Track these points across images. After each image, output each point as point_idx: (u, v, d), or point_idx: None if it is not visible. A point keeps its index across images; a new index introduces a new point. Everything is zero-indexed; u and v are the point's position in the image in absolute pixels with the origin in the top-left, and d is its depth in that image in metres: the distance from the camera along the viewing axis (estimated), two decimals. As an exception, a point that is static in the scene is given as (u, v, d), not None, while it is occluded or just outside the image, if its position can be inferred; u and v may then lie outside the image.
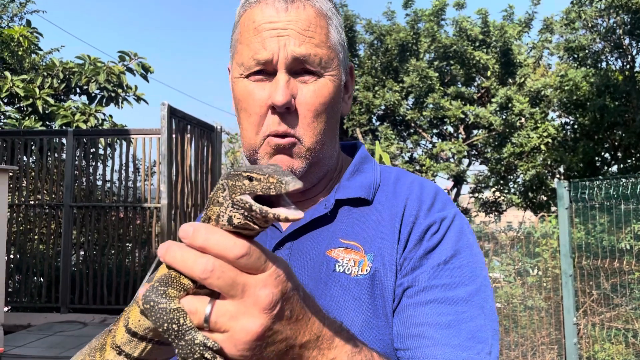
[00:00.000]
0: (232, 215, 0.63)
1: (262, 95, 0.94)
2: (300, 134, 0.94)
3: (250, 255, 0.62)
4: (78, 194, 8.44)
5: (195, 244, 0.63)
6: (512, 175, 14.91)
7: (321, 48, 0.94)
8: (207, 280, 0.62)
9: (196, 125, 6.92)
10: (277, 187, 0.61)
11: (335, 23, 0.99)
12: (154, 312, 0.62)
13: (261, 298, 0.62)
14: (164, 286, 0.64)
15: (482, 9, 14.39)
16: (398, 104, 14.31)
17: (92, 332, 6.83)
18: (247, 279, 0.62)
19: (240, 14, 0.99)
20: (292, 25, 0.92)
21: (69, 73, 10.02)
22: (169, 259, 0.65)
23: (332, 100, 0.97)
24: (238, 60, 0.97)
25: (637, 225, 5.18)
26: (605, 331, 5.39)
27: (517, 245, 6.51)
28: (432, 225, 0.94)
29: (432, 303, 0.88)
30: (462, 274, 0.91)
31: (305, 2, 0.95)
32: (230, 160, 19.87)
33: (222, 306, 0.63)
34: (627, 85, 10.97)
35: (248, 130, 0.97)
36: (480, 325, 0.87)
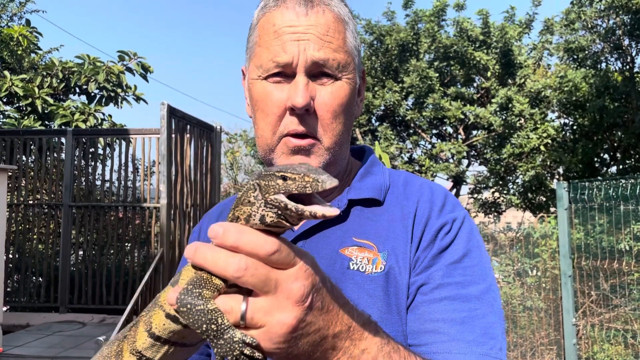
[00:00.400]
0: (265, 214, 0.64)
1: (281, 96, 0.96)
2: (320, 134, 0.97)
3: (281, 252, 0.64)
4: (77, 194, 8.43)
5: (227, 244, 0.64)
6: (512, 176, 14.92)
7: (339, 52, 0.97)
8: (241, 278, 0.63)
9: (196, 125, 6.92)
10: (313, 185, 0.62)
11: (351, 28, 1.02)
12: (192, 314, 0.63)
13: (293, 291, 0.64)
14: (199, 288, 0.64)
15: (482, 10, 14.40)
16: (398, 104, 14.31)
17: (91, 332, 6.82)
18: (278, 274, 0.64)
19: (259, 17, 1.01)
20: (312, 30, 0.95)
21: (68, 73, 10.01)
22: (199, 260, 0.65)
23: (349, 102, 1.00)
24: (257, 62, 0.99)
25: (637, 226, 5.18)
26: (605, 332, 5.39)
27: (517, 246, 6.51)
28: (445, 226, 0.98)
29: (446, 300, 0.91)
30: (473, 272, 0.95)
31: (324, 7, 0.97)
32: (230, 160, 19.87)
33: (256, 303, 0.64)
34: (626, 86, 10.97)
35: (265, 130, 0.99)
36: (492, 322, 0.91)
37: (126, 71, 10.34)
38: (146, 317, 0.75)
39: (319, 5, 0.97)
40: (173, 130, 6.22)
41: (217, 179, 7.72)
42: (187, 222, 6.79)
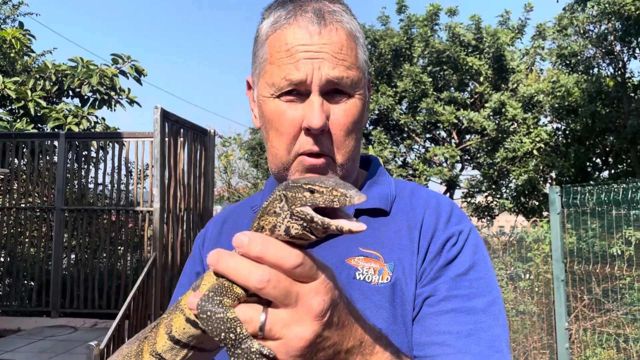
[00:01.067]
0: (290, 225, 0.64)
1: (295, 115, 0.96)
2: (334, 152, 0.97)
3: (305, 265, 0.64)
4: (70, 197, 8.39)
5: (251, 254, 0.64)
6: (505, 180, 14.98)
7: (352, 70, 0.96)
8: (264, 290, 0.63)
9: (189, 129, 6.90)
10: (341, 200, 0.62)
11: (361, 42, 1.01)
12: (212, 321, 0.63)
13: (313, 306, 0.64)
14: (220, 296, 0.64)
15: (475, 15, 14.49)
16: (391, 109, 14.35)
17: (83, 337, 6.78)
18: (300, 287, 0.64)
19: (269, 33, 0.99)
20: (326, 49, 0.94)
21: (61, 75, 9.97)
22: (222, 268, 0.65)
23: (360, 117, 1.01)
24: (268, 80, 0.98)
25: (628, 230, 5.22)
26: (597, 336, 5.41)
27: (509, 250, 6.53)
28: (451, 238, 0.98)
29: (453, 312, 0.91)
30: (479, 285, 0.95)
31: (337, 25, 0.96)
32: (224, 163, 19.83)
33: (276, 314, 0.64)
34: (618, 91, 11.06)
35: (279, 149, 0.99)
36: (497, 335, 0.91)
37: (120, 74, 10.31)
38: (167, 320, 0.75)
39: (332, 24, 0.96)
40: (166, 134, 6.21)
41: (211, 182, 7.70)
42: (180, 226, 6.77)
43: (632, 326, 5.23)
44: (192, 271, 1.15)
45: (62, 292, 8.09)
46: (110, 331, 4.69)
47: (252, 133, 18.49)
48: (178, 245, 6.68)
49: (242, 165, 20.09)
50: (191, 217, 7.07)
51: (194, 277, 1.13)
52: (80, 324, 7.54)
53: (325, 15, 0.96)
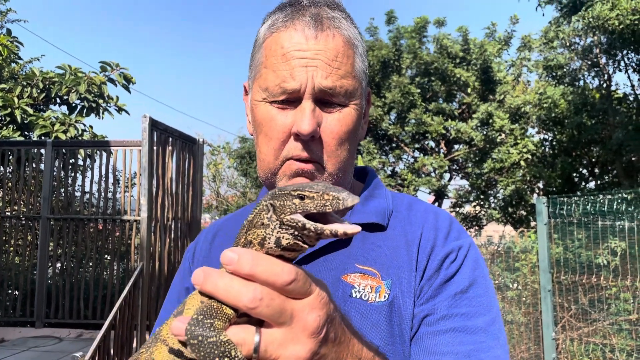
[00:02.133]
0: (280, 236, 0.61)
1: (285, 121, 0.94)
2: (324, 160, 0.95)
3: (298, 281, 0.61)
4: (56, 206, 8.30)
5: (242, 272, 0.60)
6: (492, 190, 15.09)
7: (347, 79, 0.94)
8: (256, 309, 0.59)
9: (178, 138, 6.87)
10: (333, 203, 0.59)
11: (360, 51, 0.99)
12: (204, 347, 0.59)
13: (309, 322, 0.61)
14: (210, 318, 0.60)
15: (462, 27, 14.65)
16: (380, 119, 14.43)
17: (68, 348, 6.68)
18: (294, 304, 0.61)
19: (266, 36, 0.97)
20: (321, 55, 0.92)
21: (49, 83, 9.90)
22: (209, 288, 0.62)
23: (354, 128, 0.98)
24: (262, 84, 0.96)
25: (614, 241, 5.27)
26: (584, 346, 5.44)
27: (498, 260, 6.56)
28: (450, 254, 0.95)
29: (452, 332, 0.88)
30: (479, 303, 0.92)
31: (334, 31, 0.94)
32: (212, 172, 19.76)
33: (270, 334, 0.61)
34: (603, 103, 11.22)
35: (267, 154, 0.97)
36: (497, 356, 0.88)
37: (108, 82, 10.25)
38: (146, 354, 0.70)
39: (329, 29, 0.94)
40: (155, 142, 6.18)
41: (199, 191, 7.67)
42: (168, 236, 6.72)
43: (618, 336, 5.27)
44: (182, 287, 1.11)
45: (47, 302, 7.98)
46: (96, 342, 4.63)
47: (241, 142, 18.46)
48: (165, 255, 6.62)
49: (231, 174, 20.05)
50: (179, 227, 7.03)
51: (183, 292, 1.10)
52: (65, 334, 7.43)
53: (323, 20, 0.94)
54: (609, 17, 7.48)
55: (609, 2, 7.58)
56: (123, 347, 5.32)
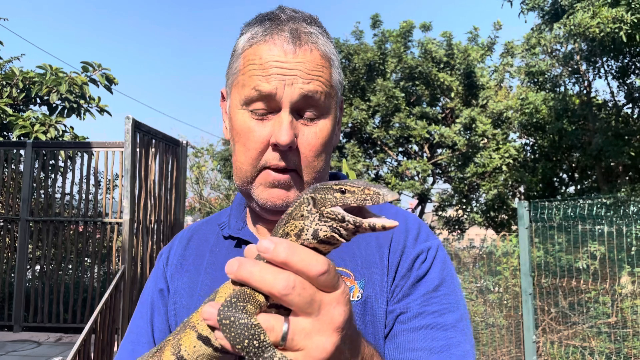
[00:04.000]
0: (319, 228, 0.64)
1: (263, 132, 0.96)
2: (301, 169, 0.98)
3: (329, 273, 0.62)
4: (35, 207, 8.17)
5: (277, 260, 0.62)
6: (475, 194, 15.23)
7: (327, 87, 0.98)
8: (288, 297, 0.61)
9: (161, 140, 6.81)
10: (374, 197, 0.62)
11: (336, 64, 1.02)
12: (234, 328, 0.60)
13: (335, 316, 0.63)
14: (243, 302, 0.62)
15: (446, 32, 14.78)
16: (365, 122, 14.48)
17: (47, 352, 6.57)
18: (323, 296, 0.63)
19: (244, 47, 1.00)
20: (300, 67, 0.95)
21: (29, 83, 9.75)
22: (244, 275, 0.63)
23: (330, 138, 1.01)
24: (239, 90, 0.99)
25: (593, 245, 5.35)
26: (564, 349, 5.51)
27: (479, 263, 6.62)
28: (421, 254, 1.00)
29: (425, 329, 0.94)
30: (448, 301, 0.97)
31: (312, 46, 0.97)
32: (196, 174, 19.63)
33: (298, 323, 0.62)
34: (583, 109, 11.40)
35: (244, 163, 0.99)
36: (467, 350, 0.94)
37: (90, 82, 10.13)
38: (174, 340, 0.72)
39: (307, 44, 0.97)
40: (138, 144, 6.12)
41: (182, 194, 7.61)
42: (150, 238, 6.65)
43: (597, 339, 5.34)
44: (155, 288, 1.12)
45: (26, 305, 7.84)
46: (76, 346, 4.56)
47: (225, 144, 18.39)
48: (147, 258, 6.55)
49: (214, 176, 19.93)
50: (161, 229, 6.96)
51: (156, 294, 1.11)
52: (44, 338, 7.31)
53: (301, 35, 0.97)
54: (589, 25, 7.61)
55: (590, 10, 7.71)
56: (104, 351, 5.25)
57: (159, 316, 1.09)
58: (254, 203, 1.02)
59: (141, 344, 1.07)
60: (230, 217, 1.12)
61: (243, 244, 1.06)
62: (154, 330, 1.08)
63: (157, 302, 1.10)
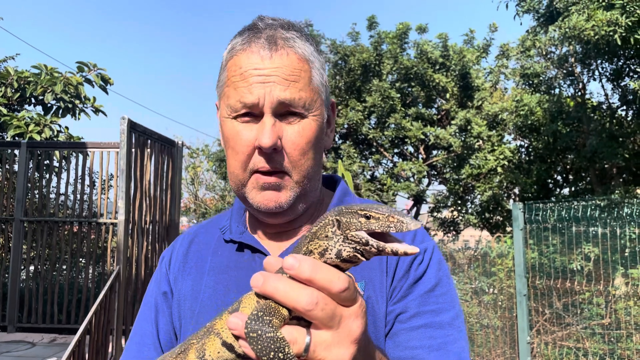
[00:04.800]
0: (342, 249, 0.67)
1: (249, 136, 1.00)
2: (289, 169, 1.01)
3: (350, 289, 0.66)
4: (30, 208, 8.14)
5: (302, 276, 0.65)
6: (470, 196, 15.26)
7: (305, 91, 1.00)
8: (311, 312, 0.64)
9: (157, 140, 6.80)
10: (397, 226, 0.65)
11: (317, 65, 1.05)
12: (262, 340, 0.64)
13: (353, 329, 0.67)
14: (269, 316, 0.66)
15: (442, 34, 14.82)
16: (360, 123, 14.49)
17: (41, 353, 6.54)
18: (342, 310, 0.67)
19: (227, 59, 1.05)
20: (278, 72, 0.98)
21: (23, 82, 9.71)
22: (269, 290, 0.67)
23: (316, 138, 1.04)
24: (226, 101, 1.03)
25: (587, 246, 5.38)
26: (558, 350, 5.53)
27: (474, 265, 6.64)
28: (418, 256, 1.04)
29: (423, 327, 0.98)
30: (444, 300, 1.02)
31: (288, 50, 1.01)
32: (191, 175, 19.59)
33: (319, 336, 0.66)
34: (578, 111, 11.45)
35: (235, 168, 1.04)
36: (463, 347, 0.99)
37: (85, 82, 10.10)
38: (198, 345, 0.76)
39: (283, 48, 1.00)
40: (133, 145, 6.10)
41: (178, 194, 7.59)
42: (145, 239, 6.64)
43: (591, 340, 5.37)
44: (158, 291, 1.14)
45: (20, 306, 7.81)
46: (71, 347, 4.54)
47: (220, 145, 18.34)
48: (143, 259, 6.54)
49: (210, 177, 19.89)
50: (157, 230, 6.95)
51: (160, 297, 1.13)
52: (38, 339, 7.28)
53: (277, 41, 1.01)
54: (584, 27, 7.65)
55: (585, 13, 7.75)
56: (98, 352, 5.24)
57: (163, 318, 1.11)
58: (250, 206, 1.06)
59: (147, 345, 1.10)
60: (231, 220, 1.15)
61: (245, 248, 1.09)
62: (159, 332, 1.11)
63: (161, 304, 1.13)
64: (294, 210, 1.05)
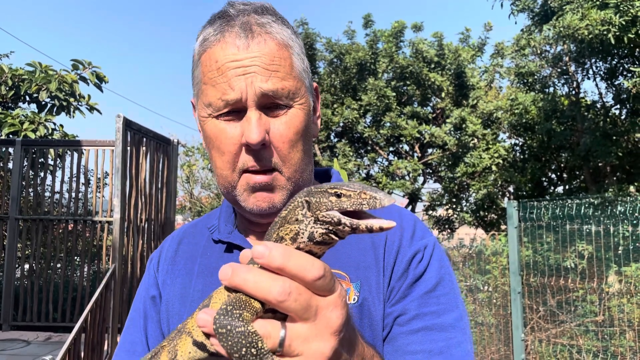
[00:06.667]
0: (314, 231, 0.63)
1: (234, 133, 0.93)
2: (279, 166, 0.94)
3: (326, 277, 0.61)
4: (24, 206, 8.11)
5: (273, 265, 0.60)
6: (465, 194, 15.32)
7: (287, 80, 0.93)
8: (284, 303, 0.59)
9: (152, 138, 6.79)
10: (370, 202, 0.61)
11: (297, 50, 0.98)
12: (232, 336, 0.59)
13: (332, 320, 0.62)
14: (239, 309, 0.61)
15: (437, 33, 14.85)
16: (356, 122, 14.51)
17: (36, 351, 6.53)
18: (319, 301, 0.61)
19: (200, 53, 0.97)
20: (257, 61, 0.91)
21: (18, 80, 9.66)
22: (238, 282, 0.61)
23: (305, 127, 0.97)
24: (204, 100, 0.95)
25: (581, 244, 5.41)
26: (552, 347, 5.57)
27: (469, 262, 6.67)
28: (417, 254, 0.97)
29: (424, 330, 0.91)
30: (447, 300, 0.95)
31: (265, 36, 0.93)
32: (186, 173, 19.55)
33: (295, 329, 0.61)
34: (572, 110, 11.50)
35: (222, 169, 0.96)
36: (467, 350, 0.92)
37: (80, 80, 10.06)
38: (170, 346, 0.72)
39: (260, 35, 0.93)
40: (129, 143, 6.10)
41: (173, 192, 7.59)
42: (141, 237, 6.63)
43: (585, 337, 5.41)
44: (147, 295, 1.09)
45: (15, 304, 7.79)
46: (66, 345, 4.54)
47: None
48: (138, 257, 6.54)
49: (205, 175, 19.87)
50: (152, 228, 6.94)
51: (148, 302, 1.08)
52: (33, 337, 7.26)
53: (252, 27, 0.93)
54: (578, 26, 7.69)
55: (579, 12, 7.79)
56: (94, 350, 5.23)
57: (152, 324, 1.06)
58: (241, 209, 1.00)
59: (137, 353, 1.05)
60: (220, 220, 1.10)
61: (234, 249, 1.04)
62: (148, 339, 1.06)
63: (149, 310, 1.07)
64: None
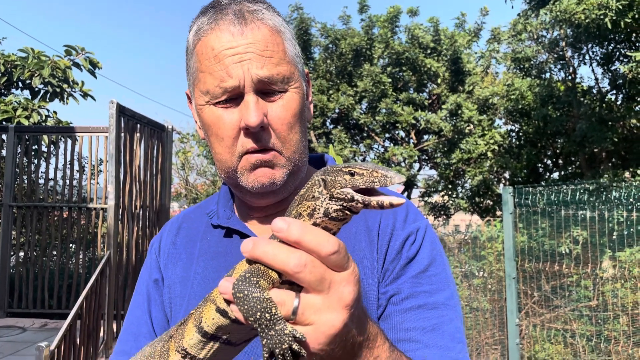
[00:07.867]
0: (329, 207, 0.68)
1: (233, 118, 0.97)
2: (279, 147, 0.98)
3: (340, 253, 0.65)
4: (19, 193, 8.07)
5: (290, 239, 0.64)
6: (460, 180, 15.34)
7: (282, 65, 0.97)
8: (299, 274, 0.64)
9: (146, 125, 6.75)
10: (381, 180, 0.65)
11: (288, 36, 1.02)
12: (247, 301, 0.64)
13: (344, 294, 0.65)
14: (256, 277, 0.65)
15: (433, 18, 14.75)
16: (352, 108, 14.45)
17: (32, 338, 6.54)
18: (333, 275, 0.65)
19: (195, 42, 1.00)
20: (252, 48, 0.95)
21: (10, 66, 9.56)
22: (258, 254, 0.66)
23: (300, 110, 1.01)
24: (202, 88, 0.99)
25: (576, 230, 5.43)
26: (546, 332, 5.61)
27: (464, 249, 6.69)
28: (410, 236, 1.02)
29: (417, 309, 0.96)
30: (438, 280, 1.00)
31: (259, 23, 0.97)
32: (182, 160, 19.49)
33: (308, 299, 0.65)
34: (568, 96, 11.48)
35: (222, 154, 1.00)
36: (458, 327, 0.97)
37: (73, 66, 9.96)
38: (196, 314, 0.77)
39: (253, 22, 0.97)
40: (122, 129, 6.05)
41: (168, 179, 7.56)
42: (136, 224, 6.61)
43: (579, 322, 5.45)
44: (150, 279, 1.12)
45: (10, 291, 7.79)
46: (62, 331, 4.54)
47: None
48: (133, 244, 6.53)
49: (201, 162, 19.81)
50: (147, 215, 6.92)
51: (151, 285, 1.11)
52: (29, 324, 7.28)
53: (245, 15, 0.97)
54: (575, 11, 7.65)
55: (576, -4, 7.73)
56: (90, 336, 5.24)
57: (156, 306, 1.10)
58: (243, 192, 1.03)
59: (142, 334, 1.08)
60: (219, 205, 1.13)
61: (233, 234, 1.07)
62: (153, 320, 1.09)
63: (152, 292, 1.11)
64: (286, 188, 1.02)
